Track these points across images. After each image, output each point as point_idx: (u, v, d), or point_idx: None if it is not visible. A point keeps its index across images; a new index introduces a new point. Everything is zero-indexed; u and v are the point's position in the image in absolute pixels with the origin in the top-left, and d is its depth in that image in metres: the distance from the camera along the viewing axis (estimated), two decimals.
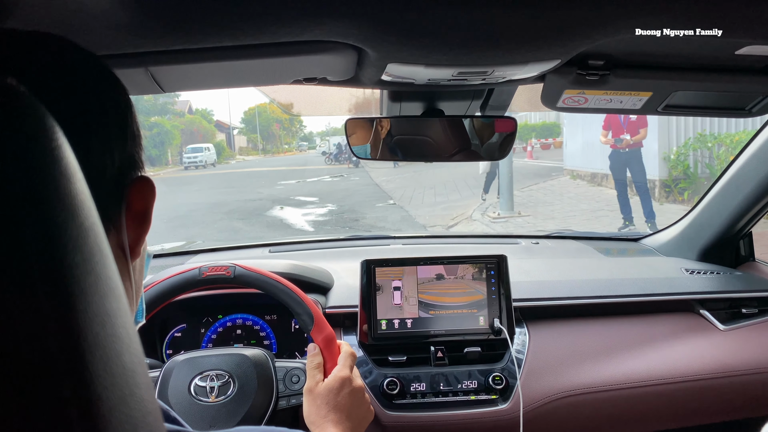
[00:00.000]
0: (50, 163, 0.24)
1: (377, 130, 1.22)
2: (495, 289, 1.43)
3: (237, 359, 1.17)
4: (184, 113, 41.20)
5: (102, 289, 0.25)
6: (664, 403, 1.38)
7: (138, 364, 0.26)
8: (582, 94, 1.14)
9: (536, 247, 2.02)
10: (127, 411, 0.24)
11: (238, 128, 56.08)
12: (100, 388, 0.22)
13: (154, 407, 0.27)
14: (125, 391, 0.24)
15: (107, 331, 0.24)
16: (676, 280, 1.63)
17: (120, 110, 0.49)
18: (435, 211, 10.86)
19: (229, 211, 12.24)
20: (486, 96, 1.24)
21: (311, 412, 1.06)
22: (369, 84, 1.07)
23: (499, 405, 1.32)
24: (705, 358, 1.43)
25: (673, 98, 1.14)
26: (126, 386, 0.24)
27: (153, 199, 0.52)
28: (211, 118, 48.08)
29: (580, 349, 1.42)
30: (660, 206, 8.87)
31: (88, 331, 0.23)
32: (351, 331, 1.44)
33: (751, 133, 1.60)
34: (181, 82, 0.97)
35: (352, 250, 1.94)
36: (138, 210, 0.51)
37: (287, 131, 61.91)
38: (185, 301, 1.45)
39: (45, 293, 0.22)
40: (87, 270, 0.24)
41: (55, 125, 0.26)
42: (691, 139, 9.58)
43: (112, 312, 0.25)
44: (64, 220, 0.23)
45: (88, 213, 0.26)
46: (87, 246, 0.24)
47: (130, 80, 0.92)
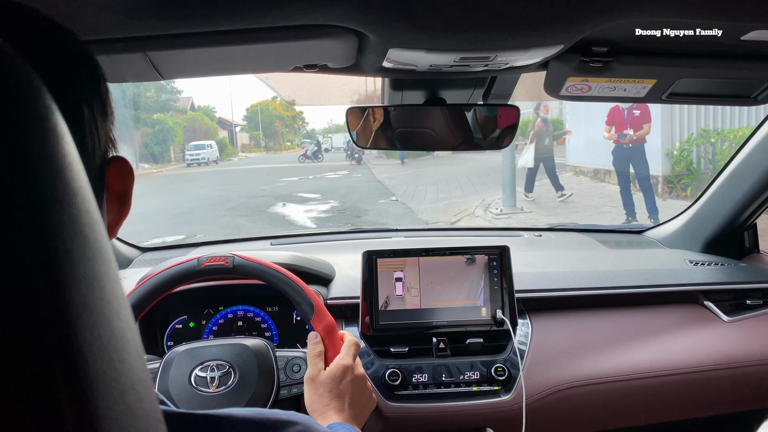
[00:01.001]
0: (37, 120, 0.23)
1: (378, 118, 1.21)
2: (497, 280, 1.42)
3: (237, 349, 1.16)
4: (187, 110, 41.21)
5: (89, 251, 0.24)
6: (667, 394, 1.37)
7: (128, 330, 0.25)
8: (585, 82, 1.13)
9: (539, 239, 2.01)
10: (115, 376, 0.23)
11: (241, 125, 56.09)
12: (86, 352, 0.22)
13: (145, 375, 0.26)
14: (113, 356, 0.23)
15: (95, 294, 0.23)
16: (680, 272, 1.62)
17: (98, 87, 0.48)
18: (438, 208, 10.84)
19: (231, 208, 12.24)
20: (488, 85, 1.23)
21: (313, 401, 1.06)
22: (370, 71, 1.06)
23: (501, 396, 1.31)
24: (709, 349, 1.42)
25: (678, 86, 1.13)
26: (114, 351, 0.23)
27: (132, 181, 0.52)
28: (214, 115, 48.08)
29: (583, 340, 1.41)
30: (663, 202, 8.85)
31: (75, 292, 0.22)
32: (353, 323, 1.44)
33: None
34: (180, 68, 0.96)
35: (354, 243, 1.93)
36: (118, 191, 0.51)
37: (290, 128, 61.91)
38: (186, 292, 1.45)
39: (29, 252, 0.21)
40: (74, 231, 0.23)
41: (43, 87, 0.25)
42: (694, 134, 9.54)
43: (101, 276, 0.24)
44: (50, 179, 0.23)
45: (76, 175, 0.25)
46: (74, 207, 0.24)
47: (128, 66, 0.91)
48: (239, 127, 54.68)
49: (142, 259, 1.83)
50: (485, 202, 10.44)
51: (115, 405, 0.22)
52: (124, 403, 0.23)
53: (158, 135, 31.77)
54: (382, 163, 23.71)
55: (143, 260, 1.82)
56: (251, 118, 56.89)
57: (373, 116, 1.22)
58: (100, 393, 0.22)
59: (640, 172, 7.79)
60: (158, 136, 31.78)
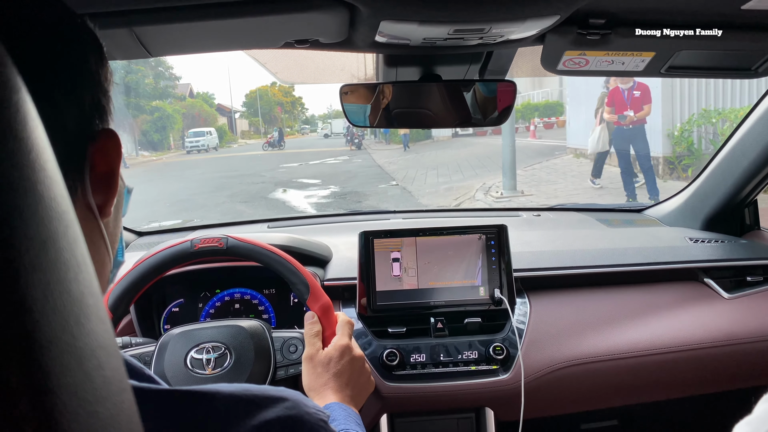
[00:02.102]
0: None
1: (373, 96, 1.19)
2: (495, 259, 1.41)
3: (233, 331, 1.15)
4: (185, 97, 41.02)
5: (43, 210, 0.22)
6: (667, 372, 1.37)
7: (89, 294, 0.24)
8: (583, 56, 1.11)
9: (538, 219, 2.00)
10: (71, 341, 0.21)
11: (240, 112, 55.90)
12: (37, 315, 0.20)
13: (108, 342, 0.25)
14: (70, 320, 0.22)
15: (50, 255, 0.22)
16: (680, 249, 1.60)
17: (83, 53, 0.46)
18: (438, 192, 10.82)
19: (231, 195, 12.24)
20: (484, 60, 1.21)
21: (311, 380, 1.05)
22: (363, 47, 1.04)
23: (500, 375, 1.30)
24: (709, 326, 1.41)
25: (677, 58, 1.11)
26: (71, 315, 0.22)
27: (118, 159, 0.50)
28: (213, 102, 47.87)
29: (582, 318, 1.40)
30: (664, 183, 8.82)
31: (24, 252, 0.21)
32: (350, 304, 1.43)
33: None
34: (168, 44, 0.94)
35: (352, 225, 1.92)
36: (103, 172, 0.48)
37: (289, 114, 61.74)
38: (183, 275, 1.44)
39: None
40: (25, 188, 0.22)
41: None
42: (695, 115, 9.47)
43: (56, 236, 0.23)
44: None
45: (32, 130, 0.23)
46: (28, 163, 0.22)
47: (115, 43, 0.90)
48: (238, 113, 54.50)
49: (138, 243, 1.82)
50: (486, 185, 10.42)
51: (71, 371, 0.21)
52: (82, 370, 0.22)
53: (157, 122, 31.65)
54: (382, 148, 23.66)
55: (139, 244, 1.81)
56: (250, 105, 56.71)
57: (367, 94, 1.19)
58: (54, 358, 0.20)
59: (640, 153, 7.76)
60: (157, 123, 31.67)
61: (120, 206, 0.56)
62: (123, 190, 0.57)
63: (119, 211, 0.56)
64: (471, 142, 20.87)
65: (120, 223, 0.57)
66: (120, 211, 0.56)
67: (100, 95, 0.48)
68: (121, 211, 0.57)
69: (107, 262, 0.54)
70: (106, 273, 0.54)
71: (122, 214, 0.58)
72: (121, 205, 0.57)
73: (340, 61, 1.38)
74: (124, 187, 0.57)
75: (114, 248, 0.55)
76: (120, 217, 0.56)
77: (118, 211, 0.55)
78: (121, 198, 0.56)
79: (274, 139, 28.59)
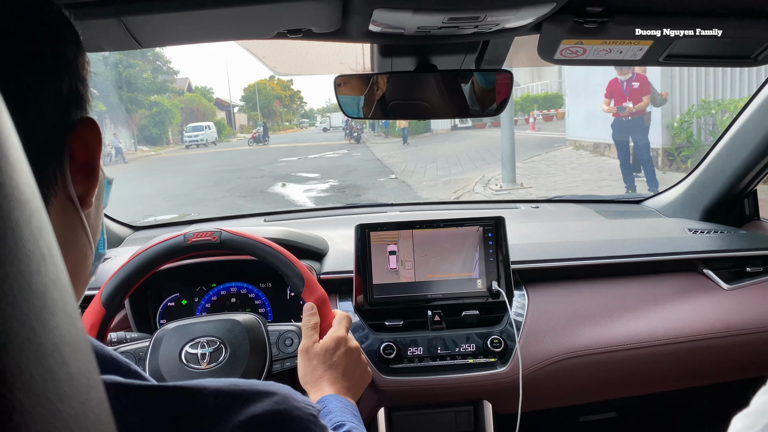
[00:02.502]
0: None
1: (368, 87, 1.18)
2: (493, 251, 1.40)
3: (228, 325, 1.14)
4: (184, 91, 40.91)
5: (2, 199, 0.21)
6: (666, 363, 1.36)
7: (54, 288, 0.23)
8: (580, 45, 1.10)
9: (536, 211, 1.99)
10: (31, 337, 0.20)
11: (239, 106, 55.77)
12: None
13: (75, 338, 0.23)
14: (30, 315, 0.21)
15: (8, 245, 0.21)
16: (679, 240, 1.59)
17: (59, 40, 0.45)
18: (437, 185, 10.81)
19: (230, 189, 12.22)
20: (481, 50, 1.19)
21: (306, 373, 1.05)
22: (357, 36, 1.02)
23: (498, 368, 1.29)
24: (709, 317, 1.40)
25: (675, 47, 1.09)
26: (32, 310, 0.21)
27: (99, 148, 0.49)
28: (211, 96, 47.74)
29: (581, 310, 1.39)
30: (663, 175, 8.81)
31: None
32: (347, 297, 1.42)
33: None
34: (158, 35, 0.93)
35: (349, 218, 1.91)
36: (83, 162, 0.47)
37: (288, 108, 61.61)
38: (178, 269, 1.43)
39: None
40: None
41: None
42: (694, 106, 9.44)
43: (18, 226, 0.21)
44: None
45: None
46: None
47: (103, 34, 0.88)
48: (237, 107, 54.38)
49: (134, 238, 1.81)
50: (485, 178, 10.41)
51: (29, 369, 0.20)
52: (43, 367, 0.21)
53: (156, 117, 31.56)
54: (381, 142, 23.63)
55: (134, 239, 1.80)
56: (249, 99, 56.58)
57: (362, 85, 1.18)
58: (10, 354, 0.19)
59: (639, 144, 7.73)
60: (156, 118, 31.58)
61: (101, 197, 0.55)
62: (104, 181, 0.56)
63: (100, 202, 0.55)
64: (470, 135, 20.84)
65: (101, 215, 0.56)
66: (101, 203, 0.55)
67: (78, 84, 0.47)
68: (102, 202, 0.56)
69: (89, 253, 0.53)
70: (88, 265, 0.53)
71: (103, 205, 0.57)
72: (102, 196, 0.56)
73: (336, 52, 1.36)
74: (104, 178, 0.56)
75: (96, 240, 0.54)
76: (101, 209, 0.55)
77: (99, 202, 0.54)
78: (101, 189, 0.55)
79: (259, 134, 28.68)
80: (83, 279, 0.53)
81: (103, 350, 0.44)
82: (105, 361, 0.44)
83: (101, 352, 0.44)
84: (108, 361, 0.44)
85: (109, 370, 0.43)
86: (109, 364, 0.44)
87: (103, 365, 0.43)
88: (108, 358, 0.44)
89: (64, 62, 0.45)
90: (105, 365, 0.43)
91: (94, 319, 1.10)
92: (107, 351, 0.44)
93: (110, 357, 0.44)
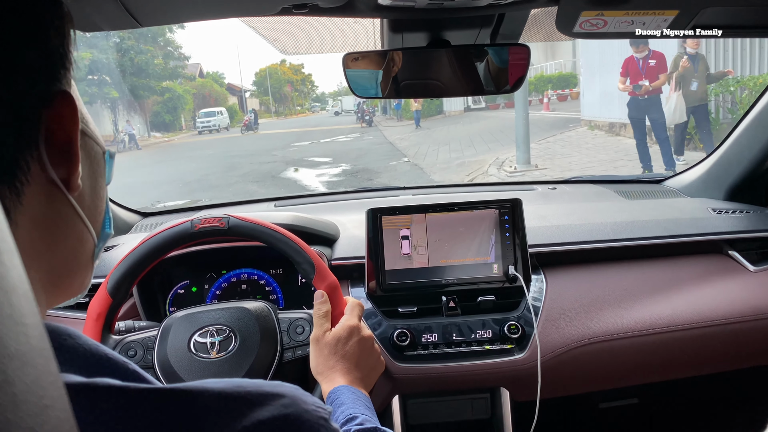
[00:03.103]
0: None
1: (378, 64, 1.13)
2: (509, 235, 1.35)
3: (238, 313, 1.11)
4: (195, 77, 40.85)
5: None
6: (690, 349, 1.31)
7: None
8: (600, 17, 1.04)
9: (553, 192, 1.93)
10: None
11: (250, 91, 55.67)
12: None
13: (24, 350, 0.20)
14: None
15: None
16: (703, 221, 1.53)
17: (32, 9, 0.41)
18: (450, 167, 10.72)
19: (243, 174, 12.22)
20: (496, 23, 1.14)
21: (318, 363, 1.02)
22: (366, 11, 0.97)
23: (515, 354, 1.25)
24: (734, 300, 1.35)
25: (703, 16, 1.03)
26: None
27: (75, 127, 0.44)
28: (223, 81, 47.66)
29: (601, 294, 1.35)
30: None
31: None
32: (359, 283, 1.38)
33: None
34: (157, 13, 0.88)
35: (360, 202, 1.87)
36: (61, 142, 0.43)
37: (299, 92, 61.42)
38: (187, 256, 1.40)
39: None
40: None
41: None
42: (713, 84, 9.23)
43: None
44: None
45: None
46: None
47: (99, 12, 0.84)
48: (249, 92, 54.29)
49: (143, 224, 1.79)
50: (499, 160, 10.30)
51: None
52: None
53: (168, 103, 31.59)
54: (393, 125, 23.49)
55: (143, 225, 1.78)
56: (260, 83, 56.45)
57: (371, 62, 1.13)
58: None
59: (656, 123, 7.58)
60: (168, 104, 31.60)
61: (99, 175, 0.51)
62: (102, 156, 0.52)
63: (97, 181, 0.51)
64: (483, 116, 20.65)
65: (102, 194, 0.52)
66: (99, 181, 0.51)
67: (56, 53, 0.43)
68: (102, 181, 0.52)
69: (87, 238, 0.49)
70: (86, 250, 0.50)
71: (106, 181, 0.53)
72: (102, 173, 0.51)
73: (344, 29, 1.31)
74: (103, 153, 0.52)
75: (98, 221, 0.51)
76: (100, 187, 0.51)
77: (96, 180, 0.50)
78: (100, 165, 0.51)
79: (251, 122, 28.63)
80: (83, 265, 0.50)
81: (97, 350, 0.41)
82: (100, 362, 0.40)
83: (96, 353, 0.40)
84: (103, 363, 0.40)
85: (104, 372, 0.39)
86: (104, 365, 0.40)
87: (98, 367, 0.40)
88: (103, 359, 0.41)
89: (39, 26, 0.41)
90: (100, 367, 0.40)
91: (100, 308, 1.07)
92: (102, 351, 0.41)
93: (106, 357, 0.41)
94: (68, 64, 0.44)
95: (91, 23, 0.88)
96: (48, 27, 0.42)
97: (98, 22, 0.88)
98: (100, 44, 24.45)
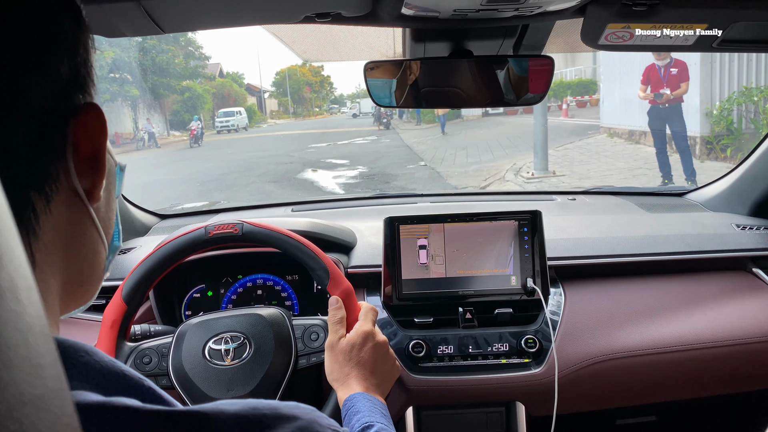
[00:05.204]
0: None
1: (400, 74, 1.12)
2: (528, 247, 1.33)
3: (252, 319, 1.11)
4: (215, 77, 41.14)
5: None
6: (712, 367, 1.28)
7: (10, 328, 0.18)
8: (627, 29, 1.02)
9: (573, 203, 1.91)
10: None
11: (269, 92, 55.94)
12: None
13: (40, 394, 0.19)
14: None
15: None
16: (726, 237, 1.50)
17: (54, 15, 0.40)
18: (467, 172, 10.68)
19: (260, 174, 12.28)
20: (519, 34, 1.12)
21: (333, 369, 1.01)
22: (388, 20, 0.97)
23: (532, 369, 1.24)
24: (758, 319, 1.32)
25: (732, 31, 1.01)
26: None
27: (104, 137, 0.45)
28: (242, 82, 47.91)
29: (620, 310, 1.33)
30: (701, 164, 8.54)
31: None
32: (375, 292, 1.37)
33: None
34: (180, 19, 0.89)
35: (378, 209, 1.86)
36: (87, 154, 0.43)
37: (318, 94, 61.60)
38: (203, 261, 1.40)
39: None
40: None
41: None
42: (735, 93, 9.10)
43: None
44: None
45: None
46: None
47: (123, 18, 0.84)
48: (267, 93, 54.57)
49: (161, 227, 1.79)
50: (516, 165, 10.24)
51: None
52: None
53: (188, 102, 31.84)
54: (411, 128, 23.46)
55: (161, 227, 1.78)
56: (279, 84, 56.72)
57: (393, 71, 1.12)
58: None
59: (677, 132, 7.48)
60: (188, 103, 31.86)
61: (112, 187, 0.51)
62: (115, 169, 0.52)
63: (111, 193, 0.51)
64: (501, 121, 20.55)
65: (113, 206, 0.52)
66: (112, 193, 0.51)
67: (80, 64, 0.43)
68: (113, 192, 0.52)
69: (101, 250, 0.50)
70: (100, 261, 0.50)
71: (117, 194, 0.53)
72: (114, 185, 0.52)
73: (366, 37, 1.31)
74: (115, 165, 0.52)
75: (109, 234, 0.51)
76: (113, 199, 0.52)
77: (109, 192, 0.50)
78: (112, 178, 0.51)
79: (197, 133, 24.53)
80: (95, 277, 0.50)
81: (113, 367, 0.40)
82: (116, 379, 0.40)
83: (112, 370, 0.40)
84: (120, 380, 0.40)
85: (121, 389, 0.39)
86: (121, 383, 0.40)
87: (114, 385, 0.39)
88: (119, 376, 0.40)
89: (62, 40, 0.41)
90: (116, 385, 0.40)
91: (115, 315, 1.07)
92: (119, 368, 0.40)
93: (122, 374, 0.40)
94: (93, 74, 0.45)
95: (115, 29, 0.88)
96: (72, 37, 0.42)
97: (122, 28, 0.88)
98: (122, 43, 24.71)
